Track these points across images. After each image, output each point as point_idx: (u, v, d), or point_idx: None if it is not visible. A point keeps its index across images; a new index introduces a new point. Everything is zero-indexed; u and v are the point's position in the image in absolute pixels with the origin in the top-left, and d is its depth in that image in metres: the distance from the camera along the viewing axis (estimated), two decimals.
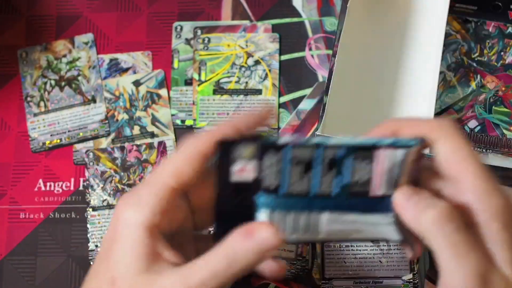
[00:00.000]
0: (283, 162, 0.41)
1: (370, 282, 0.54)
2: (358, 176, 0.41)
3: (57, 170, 0.59)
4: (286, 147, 0.40)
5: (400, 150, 0.41)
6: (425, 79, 0.58)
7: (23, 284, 0.57)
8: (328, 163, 0.41)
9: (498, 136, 0.57)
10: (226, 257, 0.39)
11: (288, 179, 0.41)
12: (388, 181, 0.41)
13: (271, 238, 0.39)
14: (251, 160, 0.41)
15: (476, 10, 0.60)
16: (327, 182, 0.41)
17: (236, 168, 0.41)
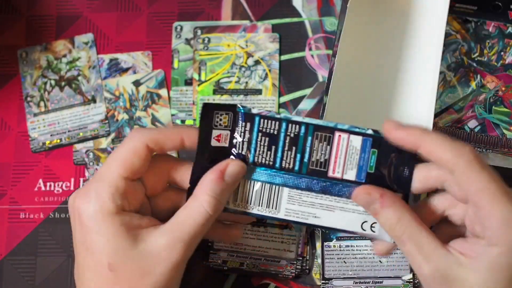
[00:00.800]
0: (252, 132, 0.44)
1: (370, 282, 0.54)
2: (317, 155, 0.44)
3: (57, 170, 0.59)
4: (255, 117, 0.44)
5: (357, 136, 0.44)
6: (425, 79, 0.58)
7: (23, 284, 0.57)
8: (291, 138, 0.44)
9: (498, 136, 0.57)
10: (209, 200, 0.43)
11: (256, 149, 0.45)
12: (347, 165, 0.44)
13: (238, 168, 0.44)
14: (226, 128, 0.44)
15: (476, 10, 0.60)
16: (290, 157, 0.44)
17: (215, 134, 0.44)
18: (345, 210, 0.45)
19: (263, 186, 0.45)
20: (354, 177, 0.44)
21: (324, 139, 0.44)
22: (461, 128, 0.57)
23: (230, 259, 0.55)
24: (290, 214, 0.45)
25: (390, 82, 0.58)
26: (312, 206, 0.45)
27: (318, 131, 0.44)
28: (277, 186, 0.45)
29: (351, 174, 0.44)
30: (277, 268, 0.55)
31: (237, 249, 0.55)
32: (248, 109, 0.44)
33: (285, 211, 0.45)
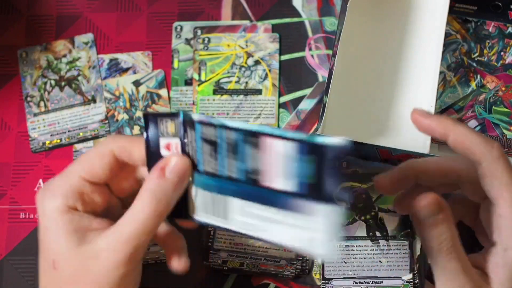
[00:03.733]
0: (196, 140, 0.42)
1: (370, 282, 0.54)
2: (253, 163, 0.39)
3: (57, 170, 0.59)
4: (196, 125, 0.41)
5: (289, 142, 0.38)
6: (425, 79, 0.58)
7: (23, 284, 0.57)
8: (231, 145, 0.40)
9: (498, 136, 0.57)
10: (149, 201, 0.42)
11: (202, 156, 0.42)
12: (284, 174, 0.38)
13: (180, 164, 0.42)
14: (174, 136, 0.43)
15: (476, 10, 0.60)
16: (232, 165, 0.41)
17: (163, 143, 0.43)
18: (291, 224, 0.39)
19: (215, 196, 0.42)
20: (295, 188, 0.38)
21: (253, 145, 0.39)
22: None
23: (230, 259, 0.55)
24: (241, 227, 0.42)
25: (390, 82, 0.59)
26: (259, 219, 0.41)
27: (250, 136, 0.39)
28: (225, 197, 0.42)
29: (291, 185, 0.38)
30: (277, 268, 0.55)
31: (237, 249, 0.55)
32: (188, 116, 0.41)
33: (237, 223, 0.42)
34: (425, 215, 0.42)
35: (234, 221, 0.42)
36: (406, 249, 0.54)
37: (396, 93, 0.58)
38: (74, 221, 0.43)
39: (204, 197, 0.43)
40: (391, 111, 0.57)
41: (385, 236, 0.54)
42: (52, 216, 0.43)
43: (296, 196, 0.38)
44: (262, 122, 0.60)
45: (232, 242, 0.55)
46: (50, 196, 0.44)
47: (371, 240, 0.54)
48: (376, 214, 0.55)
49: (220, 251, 0.55)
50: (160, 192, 0.42)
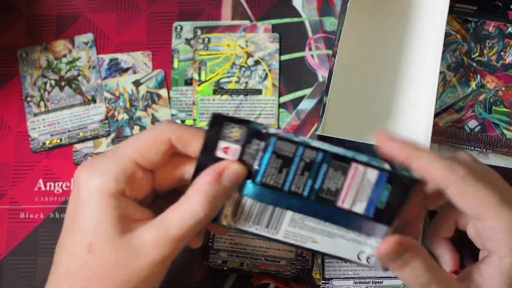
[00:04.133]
0: (265, 152, 0.42)
1: (370, 282, 0.54)
2: (329, 183, 0.43)
3: (57, 170, 0.59)
4: (271, 138, 0.42)
5: (373, 170, 0.42)
6: (425, 79, 0.58)
7: (23, 284, 0.57)
8: (306, 163, 0.42)
9: (498, 136, 0.57)
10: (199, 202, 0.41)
11: (266, 169, 0.43)
12: (358, 198, 0.43)
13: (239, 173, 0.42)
14: (237, 142, 0.42)
15: (476, 10, 0.60)
16: (300, 182, 0.43)
17: (222, 145, 0.42)
18: (345, 238, 0.43)
19: (267, 207, 0.43)
20: (363, 211, 0.43)
21: (340, 168, 0.42)
22: (461, 128, 0.57)
23: (230, 259, 0.55)
24: (289, 237, 0.44)
25: (390, 82, 0.58)
26: (313, 231, 0.43)
27: (335, 159, 0.42)
28: (280, 209, 0.43)
29: (360, 207, 0.43)
30: (277, 268, 0.55)
31: (237, 249, 0.55)
32: (263, 128, 0.42)
33: (284, 233, 0.44)
34: (390, 259, 0.41)
35: (282, 232, 0.44)
36: None
37: (396, 93, 0.58)
38: (120, 208, 0.41)
39: (251, 207, 0.43)
40: (391, 111, 0.57)
41: None
42: (98, 197, 0.41)
43: (361, 217, 0.43)
44: (262, 122, 0.60)
45: (232, 242, 0.55)
46: (98, 175, 0.41)
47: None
48: None
49: (220, 251, 0.55)
50: (214, 197, 0.41)
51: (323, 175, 0.42)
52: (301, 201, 0.43)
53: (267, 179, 0.43)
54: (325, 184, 0.43)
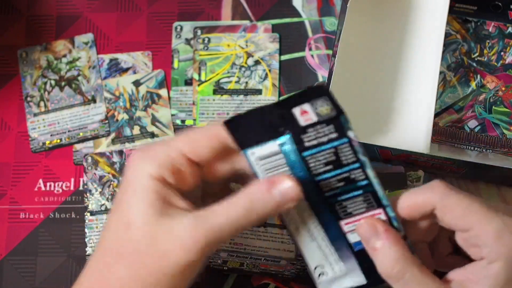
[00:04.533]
0: (330, 141, 0.42)
1: None
2: (350, 205, 0.43)
3: (57, 170, 0.59)
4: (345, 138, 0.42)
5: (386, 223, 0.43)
6: (425, 79, 0.58)
7: (23, 284, 0.57)
8: (348, 178, 0.43)
9: (498, 136, 0.57)
10: (245, 205, 0.41)
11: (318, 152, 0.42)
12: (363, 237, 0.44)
13: (292, 190, 0.41)
14: (318, 115, 0.42)
15: (476, 10, 0.60)
16: (331, 185, 0.43)
17: (305, 107, 0.42)
18: (320, 248, 0.44)
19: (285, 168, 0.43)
20: (353, 242, 0.44)
21: (368, 203, 0.43)
22: (461, 128, 0.57)
23: (230, 259, 0.55)
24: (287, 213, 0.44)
25: (390, 82, 0.59)
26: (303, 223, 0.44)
27: (371, 195, 0.43)
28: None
29: (353, 238, 0.44)
30: (277, 268, 0.55)
31: (237, 249, 0.55)
32: (347, 126, 0.42)
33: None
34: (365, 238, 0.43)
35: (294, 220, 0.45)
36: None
37: (396, 93, 0.58)
38: (162, 193, 0.41)
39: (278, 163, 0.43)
40: (391, 111, 0.57)
41: None
42: (143, 179, 0.41)
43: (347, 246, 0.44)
44: None
45: (232, 242, 0.55)
46: (147, 161, 0.42)
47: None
48: None
49: (220, 251, 0.55)
50: (259, 203, 0.41)
51: (352, 197, 0.43)
52: (317, 197, 0.43)
53: (311, 159, 0.43)
54: (347, 203, 0.43)
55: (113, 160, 0.59)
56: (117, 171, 0.59)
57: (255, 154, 0.43)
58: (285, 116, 0.42)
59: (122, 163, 0.59)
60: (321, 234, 0.44)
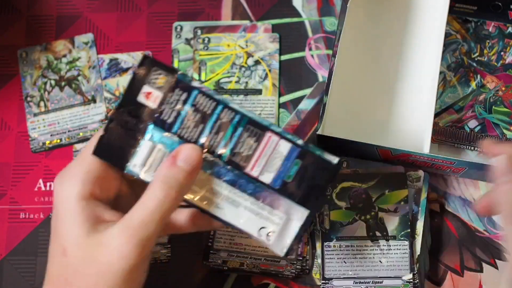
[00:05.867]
0: (185, 104, 0.43)
1: (370, 282, 0.54)
2: (242, 147, 0.43)
3: (57, 170, 0.59)
4: (194, 90, 0.43)
5: (287, 143, 0.43)
6: (425, 79, 0.58)
7: (23, 284, 0.57)
8: (222, 123, 0.43)
9: (498, 136, 0.57)
10: (159, 189, 0.42)
11: (183, 122, 0.43)
12: (267, 167, 0.43)
13: (192, 151, 0.42)
14: (159, 89, 0.43)
15: (476, 10, 0.60)
16: (214, 141, 0.43)
17: (145, 90, 0.43)
18: (248, 210, 0.43)
19: None
20: (270, 181, 0.43)
21: (254, 134, 0.43)
22: (461, 128, 0.57)
23: (230, 259, 0.55)
24: (195, 196, 0.44)
25: (390, 82, 0.59)
26: (217, 195, 0.43)
27: (251, 125, 0.43)
28: None
29: (268, 177, 0.43)
30: (277, 268, 0.55)
31: (237, 249, 0.55)
32: (189, 79, 0.43)
33: (191, 192, 0.44)
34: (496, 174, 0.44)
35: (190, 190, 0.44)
36: (406, 249, 0.54)
37: (396, 93, 0.58)
38: (88, 209, 0.42)
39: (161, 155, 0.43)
40: (391, 111, 0.57)
41: (385, 236, 0.54)
42: (68, 202, 0.43)
43: (268, 188, 0.43)
44: None
45: (232, 242, 0.55)
46: (67, 182, 0.43)
47: (371, 240, 0.54)
48: (376, 214, 0.55)
49: (220, 251, 0.55)
50: (171, 179, 0.42)
51: (237, 138, 0.43)
52: (211, 160, 0.43)
53: (182, 131, 0.43)
54: (237, 148, 0.43)
55: None
56: None
57: (137, 164, 0.44)
58: (135, 111, 0.43)
59: None
60: (240, 194, 0.43)
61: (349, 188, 0.56)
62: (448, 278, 0.55)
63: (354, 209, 0.55)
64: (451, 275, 0.55)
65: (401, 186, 0.55)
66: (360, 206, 0.55)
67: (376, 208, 0.55)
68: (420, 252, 0.54)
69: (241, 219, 0.44)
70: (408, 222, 0.54)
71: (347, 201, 0.55)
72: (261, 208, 0.43)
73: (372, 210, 0.55)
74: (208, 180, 0.43)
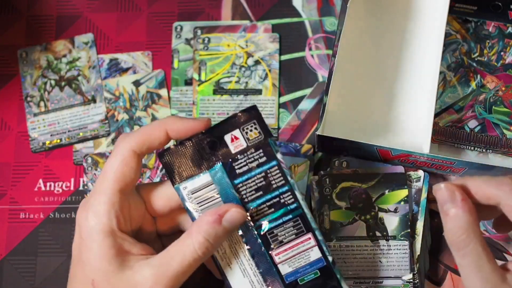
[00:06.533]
0: (259, 167, 0.44)
1: (370, 282, 0.54)
2: (281, 232, 0.45)
3: (57, 170, 0.59)
4: (274, 160, 0.44)
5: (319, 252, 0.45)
6: (425, 79, 0.58)
7: (23, 284, 0.57)
8: (279, 202, 0.44)
9: (498, 136, 0.57)
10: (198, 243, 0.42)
11: (248, 179, 0.44)
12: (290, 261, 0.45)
13: (238, 215, 0.43)
14: (248, 141, 0.44)
15: (476, 10, 0.60)
16: (262, 211, 0.44)
17: (235, 133, 0.44)
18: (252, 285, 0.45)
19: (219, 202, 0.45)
20: (285, 273, 0.45)
21: (298, 228, 0.44)
22: (461, 128, 0.57)
23: None
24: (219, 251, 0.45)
25: (390, 82, 0.58)
26: (235, 258, 0.45)
27: (300, 219, 0.44)
28: None
29: (285, 269, 0.45)
30: None
31: None
32: (276, 149, 0.44)
33: None
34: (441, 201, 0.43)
35: None
36: (406, 249, 0.54)
37: (396, 93, 0.58)
38: (116, 244, 0.43)
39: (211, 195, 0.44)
40: (391, 111, 0.57)
41: (385, 236, 0.54)
42: (96, 237, 0.43)
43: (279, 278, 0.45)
44: None
45: None
46: (93, 215, 0.44)
47: (371, 240, 0.54)
48: (376, 214, 0.55)
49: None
50: (212, 237, 0.43)
51: (282, 222, 0.44)
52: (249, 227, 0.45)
53: (242, 187, 0.44)
54: (277, 230, 0.44)
55: None
56: None
57: (187, 188, 0.44)
58: (216, 145, 0.44)
59: None
60: (253, 268, 0.45)
61: (349, 188, 0.56)
62: (448, 278, 0.55)
63: (354, 209, 0.55)
64: (451, 275, 0.55)
65: (401, 186, 0.55)
66: (360, 206, 0.55)
67: (376, 208, 0.55)
68: (420, 252, 0.54)
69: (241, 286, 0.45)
70: (408, 222, 0.54)
71: (347, 201, 0.55)
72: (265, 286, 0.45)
73: (372, 210, 0.55)
74: (236, 239, 0.45)
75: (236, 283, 0.45)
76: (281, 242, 0.44)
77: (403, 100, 0.58)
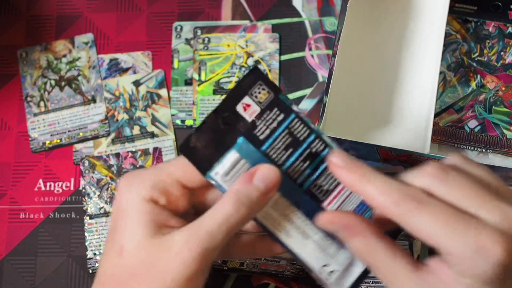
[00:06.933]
0: (281, 125, 0.42)
1: (370, 282, 0.54)
2: (324, 181, 0.43)
3: (57, 170, 0.59)
4: (292, 114, 0.42)
5: None
6: (425, 79, 0.58)
7: (23, 284, 0.57)
8: (311, 153, 0.42)
9: (498, 136, 0.57)
10: (231, 203, 0.40)
11: (273, 142, 0.42)
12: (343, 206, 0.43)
13: (270, 173, 0.41)
14: (259, 104, 0.42)
15: (476, 10, 0.60)
16: (299, 167, 0.43)
17: (245, 101, 0.42)
18: (317, 244, 0.43)
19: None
20: None
21: None
22: (461, 128, 0.57)
23: (230, 259, 0.55)
24: (267, 218, 0.43)
25: (390, 82, 0.59)
26: (291, 223, 0.43)
27: None
28: None
29: None
30: (277, 268, 0.55)
31: None
32: (289, 102, 0.42)
33: (263, 212, 0.43)
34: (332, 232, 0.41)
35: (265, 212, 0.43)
36: (406, 249, 0.54)
37: (396, 93, 0.58)
38: (154, 213, 0.41)
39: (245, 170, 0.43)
40: (391, 111, 0.57)
41: None
42: (134, 202, 0.41)
43: None
44: None
45: None
46: (137, 185, 0.42)
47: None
48: None
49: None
50: (244, 196, 0.41)
51: (322, 170, 0.43)
52: (292, 187, 0.43)
53: (271, 151, 0.42)
54: (320, 180, 0.43)
55: (110, 162, 0.59)
56: (115, 173, 0.59)
57: (219, 173, 0.43)
58: (231, 119, 0.42)
59: (119, 165, 0.59)
60: (311, 227, 0.43)
61: None
62: None
63: None
64: None
65: None
66: None
67: None
68: (420, 252, 0.54)
69: (307, 251, 0.43)
70: None
71: None
72: (329, 245, 0.43)
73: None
74: (284, 205, 0.43)
75: (299, 247, 0.43)
76: (327, 191, 0.43)
77: (403, 100, 0.58)
